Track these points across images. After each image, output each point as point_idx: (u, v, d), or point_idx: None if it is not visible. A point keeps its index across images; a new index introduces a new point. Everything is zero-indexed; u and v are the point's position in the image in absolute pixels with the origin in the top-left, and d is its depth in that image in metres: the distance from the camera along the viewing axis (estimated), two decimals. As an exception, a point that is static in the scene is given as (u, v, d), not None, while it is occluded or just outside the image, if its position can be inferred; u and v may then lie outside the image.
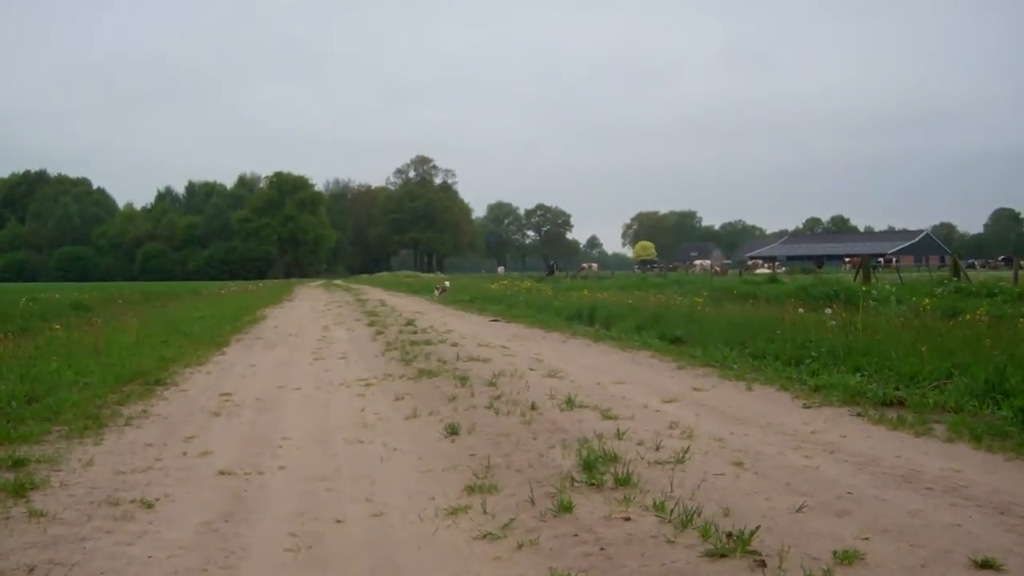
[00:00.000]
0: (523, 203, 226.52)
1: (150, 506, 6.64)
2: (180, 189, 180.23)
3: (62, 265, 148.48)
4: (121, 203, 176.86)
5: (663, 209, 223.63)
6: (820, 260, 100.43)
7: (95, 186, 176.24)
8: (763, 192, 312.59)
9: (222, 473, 7.72)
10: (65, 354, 15.31)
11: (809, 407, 10.41)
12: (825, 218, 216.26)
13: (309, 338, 21.92)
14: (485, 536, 5.80)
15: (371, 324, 25.76)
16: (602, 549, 5.46)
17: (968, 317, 15.97)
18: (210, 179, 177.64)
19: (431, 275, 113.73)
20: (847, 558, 5.11)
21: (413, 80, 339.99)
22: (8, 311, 25.76)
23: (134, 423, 10.10)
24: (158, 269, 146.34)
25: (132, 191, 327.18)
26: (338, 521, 6.28)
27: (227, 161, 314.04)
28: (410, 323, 25.60)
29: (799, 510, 6.14)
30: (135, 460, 8.20)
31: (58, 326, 20.55)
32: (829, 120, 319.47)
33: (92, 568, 5.29)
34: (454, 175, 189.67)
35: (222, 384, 13.34)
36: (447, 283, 46.32)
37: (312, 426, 9.95)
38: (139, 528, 6.11)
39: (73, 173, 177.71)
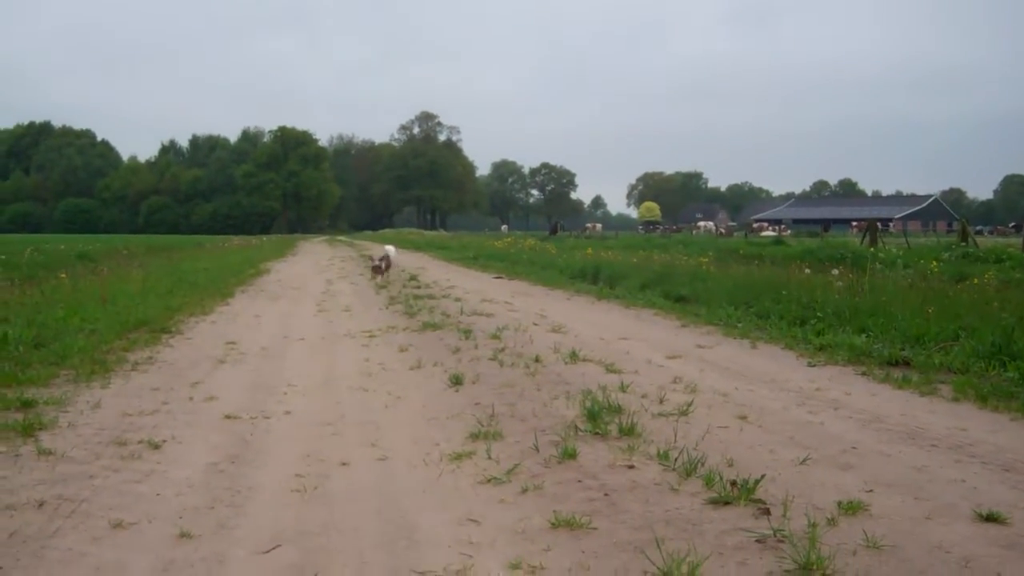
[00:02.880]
0: (528, 162, 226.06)
1: (157, 447, 6.67)
2: (184, 142, 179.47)
3: (67, 217, 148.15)
4: (125, 156, 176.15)
5: (669, 170, 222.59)
6: (826, 224, 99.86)
7: (99, 138, 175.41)
8: (770, 154, 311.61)
9: (228, 417, 7.75)
10: (71, 302, 15.32)
11: (814, 365, 10.41)
12: (833, 181, 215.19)
13: (313, 291, 21.94)
14: (489, 481, 5.82)
15: (374, 278, 25.74)
16: (606, 495, 5.48)
17: (976, 281, 15.97)
18: (214, 133, 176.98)
19: (434, 232, 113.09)
20: (851, 508, 5.13)
21: (418, 37, 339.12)
22: (14, 261, 25.75)
23: (140, 368, 10.13)
24: (162, 222, 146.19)
25: (136, 144, 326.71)
26: (343, 464, 6.30)
27: (231, 115, 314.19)
28: (413, 278, 25.60)
29: (803, 462, 6.15)
30: (142, 403, 8.23)
31: (64, 275, 20.58)
32: (838, 82, 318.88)
33: (101, 504, 5.32)
34: (459, 132, 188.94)
35: (227, 333, 13.36)
36: (390, 249, 27.89)
37: (317, 374, 9.97)
38: (147, 467, 6.14)
39: (77, 125, 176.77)
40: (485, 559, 4.50)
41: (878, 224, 40.78)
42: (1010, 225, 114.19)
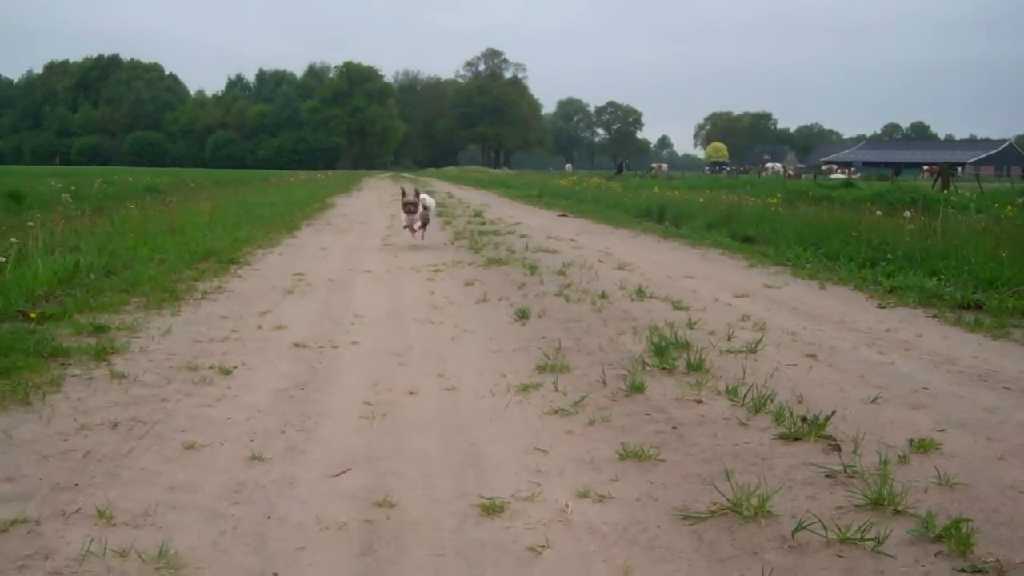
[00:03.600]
0: (594, 100, 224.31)
1: (228, 373, 6.75)
2: (251, 77, 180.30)
3: (134, 150, 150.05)
4: (192, 90, 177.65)
5: (737, 110, 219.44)
6: (897, 167, 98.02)
7: (167, 72, 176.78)
8: (842, 96, 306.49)
9: (297, 345, 7.82)
10: (141, 232, 15.55)
11: (884, 307, 10.26)
12: (904, 124, 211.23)
13: (378, 225, 22.06)
14: (556, 412, 5.82)
15: (439, 214, 25.74)
16: (674, 428, 5.47)
17: (1051, 226, 15.62)
18: (280, 68, 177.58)
19: (498, 170, 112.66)
20: (923, 447, 5.06)
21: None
22: (84, 192, 26.08)
23: (209, 297, 10.25)
24: (228, 157, 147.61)
25: (203, 78, 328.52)
26: (411, 393, 6.34)
27: (297, 50, 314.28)
28: (478, 215, 25.68)
29: (873, 401, 6.08)
30: (212, 331, 8.33)
31: (133, 206, 20.85)
32: (912, 22, 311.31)
33: (173, 426, 5.40)
34: (524, 70, 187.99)
35: (294, 265, 13.47)
36: (427, 199, 17.53)
37: (383, 306, 10.02)
38: (218, 392, 6.23)
39: (145, 58, 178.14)
40: (553, 487, 4.51)
41: (959, 169, 39.92)
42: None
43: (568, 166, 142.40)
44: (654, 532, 3.99)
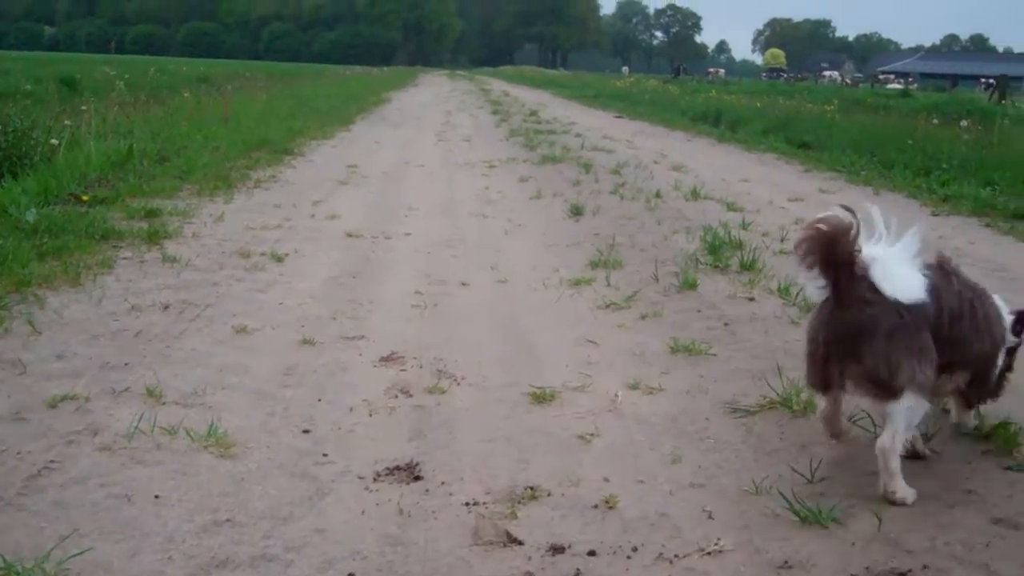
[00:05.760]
0: (653, 2, 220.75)
1: (280, 259, 6.77)
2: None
3: (188, 40, 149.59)
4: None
5: (797, 17, 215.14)
6: (955, 79, 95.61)
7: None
8: (902, 4, 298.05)
9: (349, 235, 7.83)
10: (194, 119, 15.57)
11: (937, 215, 10.10)
12: (964, 36, 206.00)
13: (433, 121, 21.93)
14: (609, 306, 5.78)
15: (495, 112, 25.64)
16: (726, 324, 5.41)
17: (1112, 142, 15.32)
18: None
19: (555, 71, 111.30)
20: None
21: None
22: (137, 81, 26.08)
23: (263, 186, 10.27)
24: (283, 49, 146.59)
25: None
26: (463, 284, 6.33)
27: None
28: (533, 113, 25.45)
29: (930, 305, 5.98)
30: (264, 218, 8.35)
31: (187, 94, 20.84)
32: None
33: (225, 310, 5.42)
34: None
35: (348, 157, 13.45)
36: None
37: (437, 199, 9.99)
38: (270, 278, 6.24)
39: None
40: (603, 378, 4.49)
41: (1008, 80, 39.04)
42: None
43: (625, 69, 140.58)
44: (703, 424, 3.97)
